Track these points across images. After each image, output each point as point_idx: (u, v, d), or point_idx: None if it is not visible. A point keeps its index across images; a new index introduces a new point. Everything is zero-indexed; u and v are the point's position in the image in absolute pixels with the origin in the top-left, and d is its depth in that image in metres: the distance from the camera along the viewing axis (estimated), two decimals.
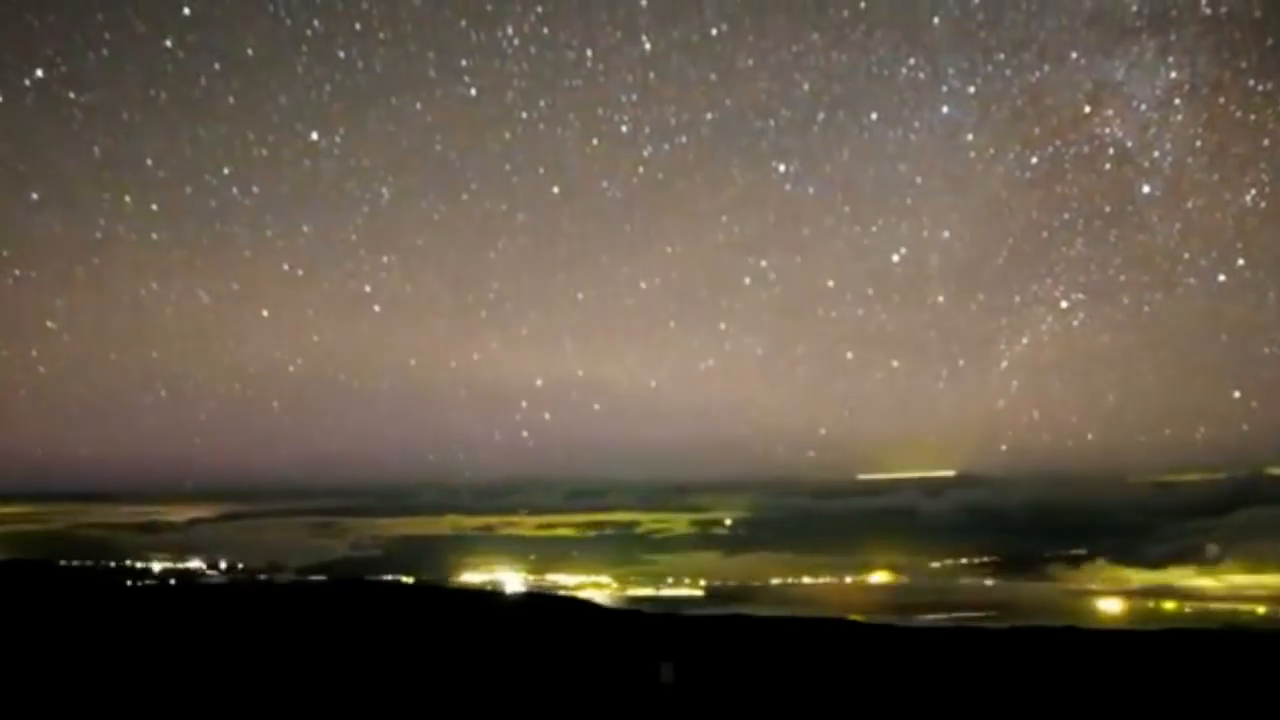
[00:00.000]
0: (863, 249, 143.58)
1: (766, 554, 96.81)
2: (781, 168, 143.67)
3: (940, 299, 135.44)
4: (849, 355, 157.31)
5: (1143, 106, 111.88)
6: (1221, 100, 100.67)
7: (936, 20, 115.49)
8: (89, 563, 63.02)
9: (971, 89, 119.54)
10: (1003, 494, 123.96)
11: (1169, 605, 69.64)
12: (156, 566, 71.66)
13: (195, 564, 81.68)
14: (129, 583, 43.55)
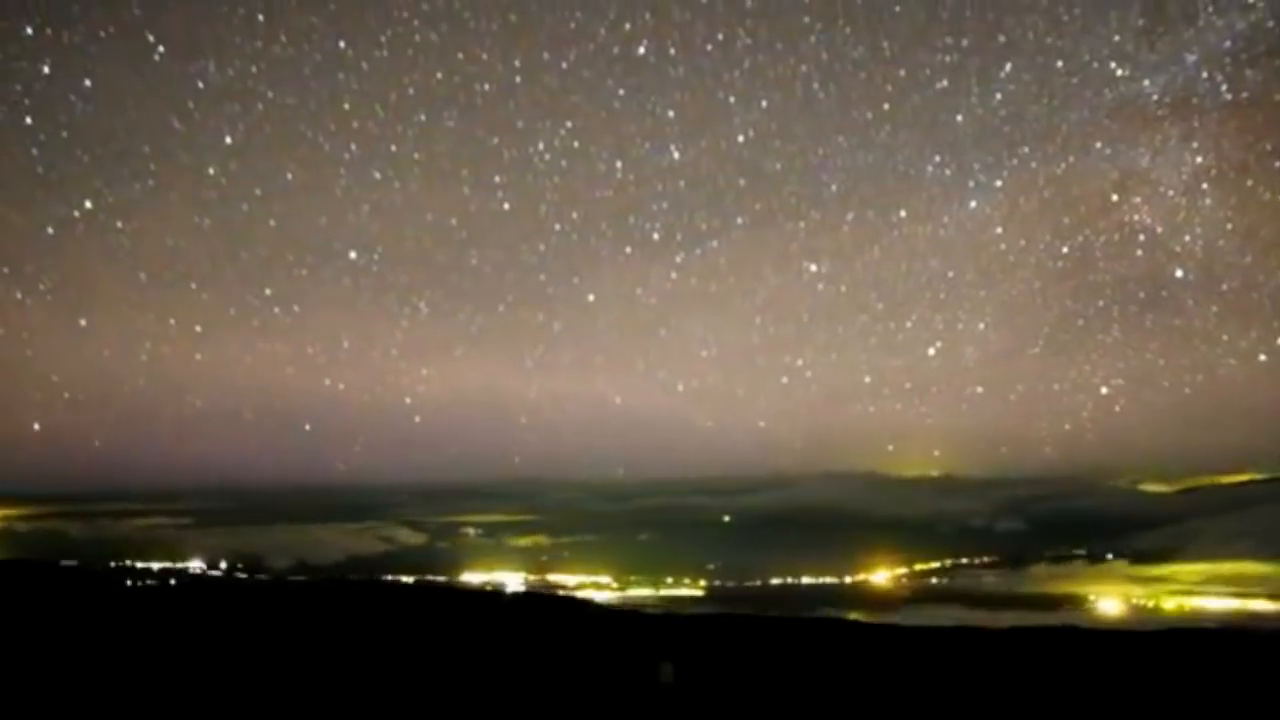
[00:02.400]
0: (898, 344, 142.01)
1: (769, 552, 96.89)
2: (813, 268, 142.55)
3: (979, 390, 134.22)
4: (890, 448, 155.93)
5: (1170, 192, 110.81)
6: (1249, 183, 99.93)
7: (960, 118, 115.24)
8: (89, 563, 62.90)
9: (998, 183, 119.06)
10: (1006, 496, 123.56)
11: (1169, 605, 69.75)
12: (156, 566, 71.56)
13: (195, 564, 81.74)
14: (129, 583, 43.47)
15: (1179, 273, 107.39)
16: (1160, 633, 26.53)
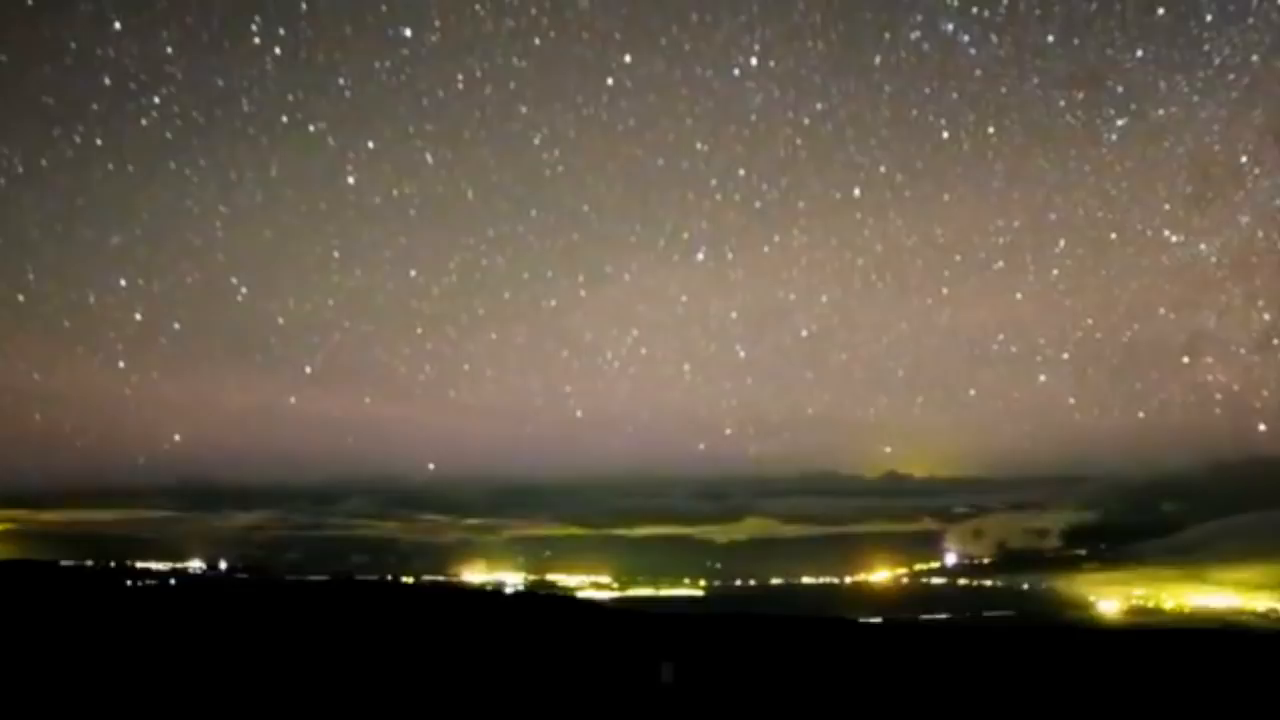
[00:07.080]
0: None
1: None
2: (887, 449, 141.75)
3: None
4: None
5: (1242, 350, 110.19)
6: None
7: (1019, 295, 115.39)
8: (89, 563, 62.90)
9: (1065, 355, 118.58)
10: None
11: (1169, 605, 69.72)
12: (156, 566, 71.54)
13: (195, 564, 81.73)
14: (129, 583, 43.48)
15: (1262, 426, 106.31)
16: (1160, 633, 26.56)
